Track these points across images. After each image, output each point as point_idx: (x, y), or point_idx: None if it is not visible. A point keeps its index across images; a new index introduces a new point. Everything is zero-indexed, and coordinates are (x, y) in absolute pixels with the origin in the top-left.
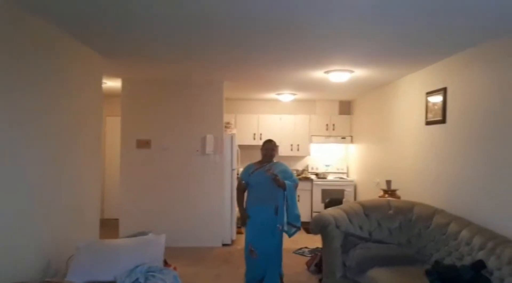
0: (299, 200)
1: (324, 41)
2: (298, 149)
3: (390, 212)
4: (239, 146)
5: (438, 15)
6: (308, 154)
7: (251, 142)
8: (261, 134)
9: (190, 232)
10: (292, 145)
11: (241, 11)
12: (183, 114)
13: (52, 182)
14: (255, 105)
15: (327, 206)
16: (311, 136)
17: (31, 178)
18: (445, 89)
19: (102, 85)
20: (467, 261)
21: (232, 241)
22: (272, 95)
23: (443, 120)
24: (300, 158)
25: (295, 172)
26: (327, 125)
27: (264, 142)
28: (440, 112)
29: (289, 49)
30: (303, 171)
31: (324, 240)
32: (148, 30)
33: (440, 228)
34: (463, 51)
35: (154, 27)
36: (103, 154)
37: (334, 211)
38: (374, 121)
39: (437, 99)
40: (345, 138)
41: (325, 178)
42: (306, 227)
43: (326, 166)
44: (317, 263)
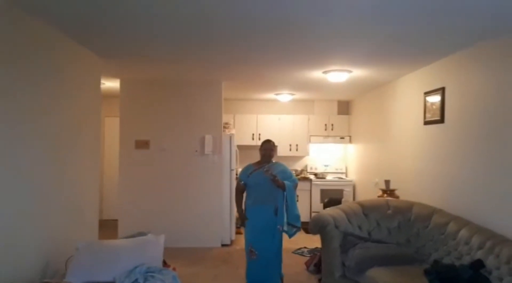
0: (298, 200)
1: (324, 41)
2: (296, 149)
3: (389, 211)
4: (238, 146)
5: (437, 15)
6: (307, 154)
7: (249, 142)
8: (259, 134)
9: (189, 233)
10: (290, 145)
11: (241, 11)
12: (181, 115)
13: (51, 182)
14: (253, 105)
15: (326, 206)
16: (310, 136)
17: (29, 179)
18: (443, 89)
19: (101, 86)
20: (466, 260)
21: (231, 241)
22: (270, 95)
23: (441, 120)
24: (299, 158)
25: (294, 172)
26: (325, 125)
27: (262, 143)
28: (438, 112)
29: (289, 49)
30: (302, 171)
31: (323, 240)
32: (147, 30)
33: (439, 228)
34: (461, 51)
35: (153, 27)
36: (102, 154)
37: (333, 211)
38: (372, 121)
39: (435, 99)
40: (343, 138)
41: (324, 178)
42: (305, 227)
43: (325, 166)
44: (316, 263)
